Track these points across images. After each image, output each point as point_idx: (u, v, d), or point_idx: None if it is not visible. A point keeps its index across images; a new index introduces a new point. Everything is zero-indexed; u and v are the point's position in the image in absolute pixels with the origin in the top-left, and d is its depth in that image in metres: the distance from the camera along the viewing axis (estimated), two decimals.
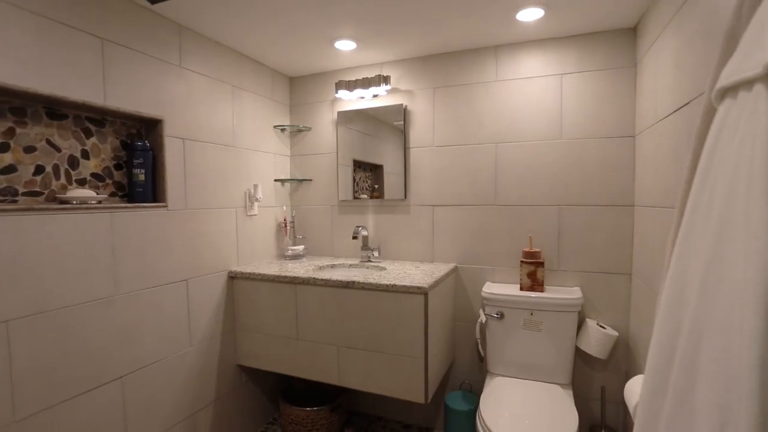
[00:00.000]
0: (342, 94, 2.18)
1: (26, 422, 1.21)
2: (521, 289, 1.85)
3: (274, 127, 2.31)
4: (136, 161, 1.56)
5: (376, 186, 2.27)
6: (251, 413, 2.16)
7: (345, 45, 1.94)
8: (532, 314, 1.79)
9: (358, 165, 2.30)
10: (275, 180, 2.31)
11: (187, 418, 1.77)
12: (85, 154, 1.44)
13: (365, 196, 2.28)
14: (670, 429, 0.67)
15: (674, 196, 1.21)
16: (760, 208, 0.50)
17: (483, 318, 1.87)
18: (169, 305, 1.68)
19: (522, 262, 1.85)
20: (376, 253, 2.20)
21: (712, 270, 0.62)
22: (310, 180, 2.40)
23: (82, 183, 1.43)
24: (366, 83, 2.12)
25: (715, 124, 0.66)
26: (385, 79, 2.09)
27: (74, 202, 1.34)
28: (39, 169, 1.31)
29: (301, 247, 2.29)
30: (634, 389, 1.06)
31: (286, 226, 2.35)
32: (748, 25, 0.64)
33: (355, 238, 2.10)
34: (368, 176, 2.29)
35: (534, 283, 1.83)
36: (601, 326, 1.79)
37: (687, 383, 0.65)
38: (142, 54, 1.56)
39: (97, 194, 1.41)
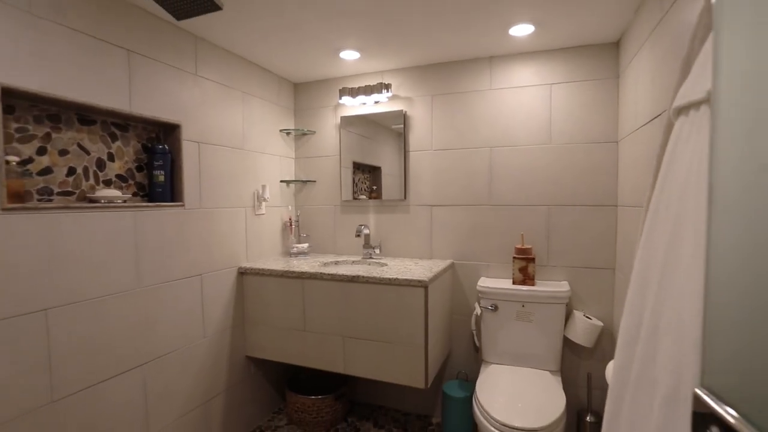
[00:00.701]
0: (345, 100, 2.31)
1: (62, 402, 1.32)
2: (514, 283, 1.99)
3: (280, 130, 2.43)
4: (156, 163, 1.67)
5: (374, 187, 2.40)
6: (259, 403, 2.28)
7: (349, 55, 2.07)
8: (523, 306, 1.93)
9: (357, 167, 2.43)
10: (281, 181, 2.43)
11: (201, 405, 1.88)
12: (111, 157, 1.55)
13: (364, 196, 2.41)
14: (636, 397, 0.81)
15: None
16: (704, 209, 0.63)
17: (478, 310, 2.01)
18: (185, 299, 1.79)
19: (514, 258, 1.99)
20: (377, 251, 2.33)
21: (669, 262, 0.76)
22: (314, 181, 2.52)
23: (108, 184, 1.55)
24: (368, 90, 2.25)
25: (673, 136, 0.80)
26: (387, 87, 2.22)
27: (102, 201, 1.45)
28: (71, 171, 1.42)
29: (305, 245, 2.41)
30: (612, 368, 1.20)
31: (291, 225, 2.47)
32: (698, 55, 0.78)
33: (358, 236, 2.23)
34: (367, 177, 2.42)
35: (525, 277, 1.96)
36: (587, 317, 1.93)
37: (649, 355, 0.78)
38: (163, 63, 1.67)
39: (122, 194, 1.52)
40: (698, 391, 0.52)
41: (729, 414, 0.45)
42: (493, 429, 1.47)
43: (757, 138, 0.45)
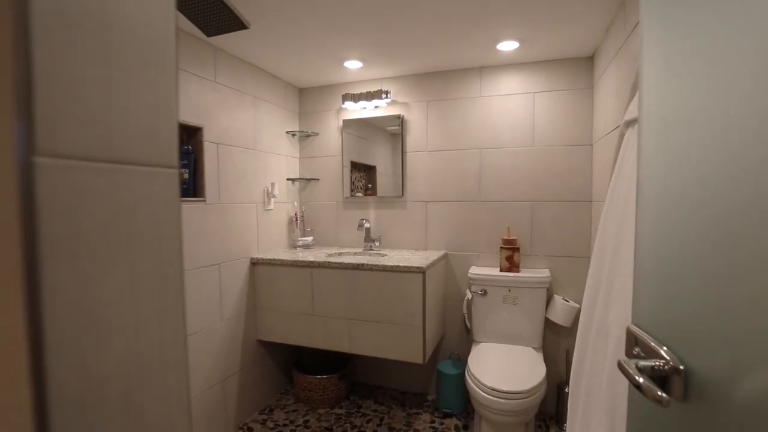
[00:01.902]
0: (348, 105, 2.52)
1: None
2: (501, 270, 2.22)
3: (286, 132, 2.62)
4: (181, 162, 1.86)
5: (370, 185, 2.61)
6: (269, 383, 2.48)
7: (353, 64, 2.27)
8: (509, 291, 2.17)
9: (354, 166, 2.64)
10: (287, 179, 2.63)
11: (219, 383, 2.07)
12: None
13: (360, 194, 2.62)
14: (595, 345, 1.04)
15: None
16: (634, 202, 0.86)
17: (469, 295, 2.24)
18: (205, 286, 1.98)
19: (501, 248, 2.22)
20: (377, 243, 2.54)
21: (618, 243, 0.99)
22: (317, 179, 2.72)
23: None
24: (369, 96, 2.46)
25: (623, 143, 1.03)
26: (386, 93, 2.44)
27: None
28: None
29: (310, 239, 2.61)
30: None
31: (296, 220, 2.67)
32: None
33: (359, 229, 2.44)
34: (363, 176, 2.63)
35: (511, 265, 2.20)
36: (565, 300, 2.17)
37: (604, 314, 1.02)
38: (188, 72, 1.86)
39: None
40: (630, 326, 0.75)
41: (643, 333, 0.68)
42: (483, 394, 1.70)
43: (663, 149, 0.67)
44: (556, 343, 2.29)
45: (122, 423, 0.37)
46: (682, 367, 0.60)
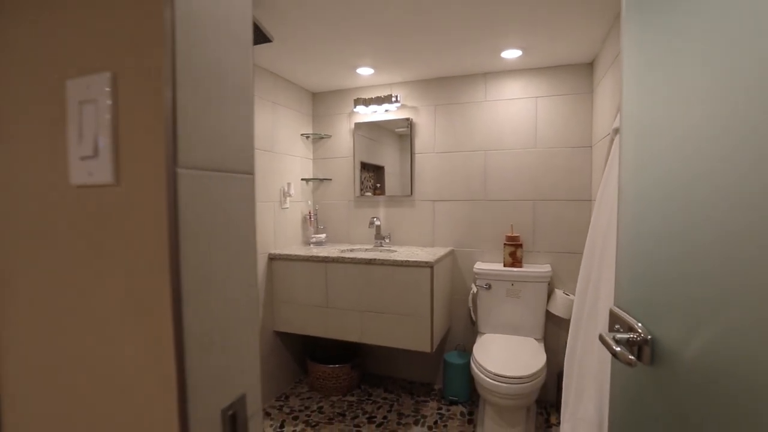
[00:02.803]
0: (359, 108, 2.65)
1: None
2: (504, 265, 2.35)
3: (301, 135, 2.77)
4: None
5: (378, 184, 2.75)
6: (284, 372, 2.62)
7: (365, 71, 2.41)
8: (512, 285, 2.29)
9: (364, 166, 2.77)
10: (301, 179, 2.77)
11: None
12: None
13: (369, 193, 2.76)
14: (587, 328, 1.17)
15: None
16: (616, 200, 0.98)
17: (474, 289, 2.37)
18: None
19: (505, 244, 2.35)
20: (387, 240, 2.68)
21: (606, 238, 1.11)
22: (330, 179, 2.86)
23: None
24: (380, 101, 2.59)
25: (613, 148, 1.16)
26: (396, 98, 2.57)
27: None
28: None
29: (323, 236, 2.75)
30: None
31: (310, 218, 2.81)
32: None
33: (370, 226, 2.58)
34: (371, 176, 2.77)
35: (514, 260, 2.33)
36: (566, 294, 2.30)
37: (594, 299, 1.14)
38: None
39: None
40: (612, 307, 0.88)
41: (621, 312, 0.81)
42: (488, 379, 1.83)
43: (638, 155, 0.80)
44: (557, 335, 2.41)
45: (221, 355, 0.51)
46: (649, 337, 0.73)
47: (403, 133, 2.65)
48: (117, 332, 0.48)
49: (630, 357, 0.71)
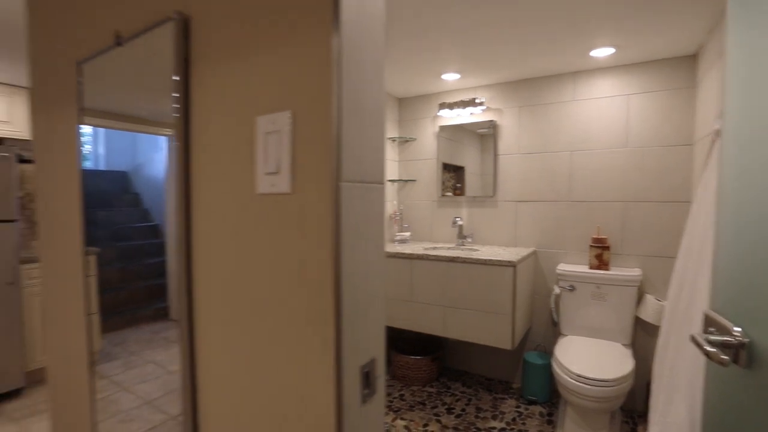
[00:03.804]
0: (444, 112, 2.76)
1: None
2: (590, 268, 2.31)
3: (388, 138, 2.94)
4: None
5: (459, 185, 2.83)
6: None
7: (450, 76, 2.51)
8: (598, 288, 2.25)
9: (444, 167, 2.87)
10: (388, 180, 2.95)
11: None
12: None
13: (449, 193, 2.85)
14: (680, 331, 1.17)
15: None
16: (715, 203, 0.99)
17: (557, 290, 2.36)
18: None
19: (591, 246, 2.31)
20: (469, 239, 2.76)
21: (705, 239, 1.10)
22: (414, 180, 3.01)
23: None
24: (464, 104, 2.68)
25: (715, 146, 1.14)
26: (481, 101, 2.63)
27: None
28: None
29: (407, 234, 2.90)
30: None
31: (395, 217, 2.98)
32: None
33: (453, 226, 2.67)
34: (452, 176, 2.85)
35: (600, 263, 2.28)
36: (658, 299, 2.20)
37: (689, 304, 1.14)
38: None
39: None
40: (707, 310, 0.90)
41: (718, 316, 0.84)
42: (570, 380, 1.85)
43: (741, 161, 0.82)
44: (647, 342, 2.31)
45: (362, 326, 0.66)
46: (747, 341, 0.76)
47: (484, 134, 2.71)
48: (293, 302, 0.65)
49: (722, 357, 0.75)
